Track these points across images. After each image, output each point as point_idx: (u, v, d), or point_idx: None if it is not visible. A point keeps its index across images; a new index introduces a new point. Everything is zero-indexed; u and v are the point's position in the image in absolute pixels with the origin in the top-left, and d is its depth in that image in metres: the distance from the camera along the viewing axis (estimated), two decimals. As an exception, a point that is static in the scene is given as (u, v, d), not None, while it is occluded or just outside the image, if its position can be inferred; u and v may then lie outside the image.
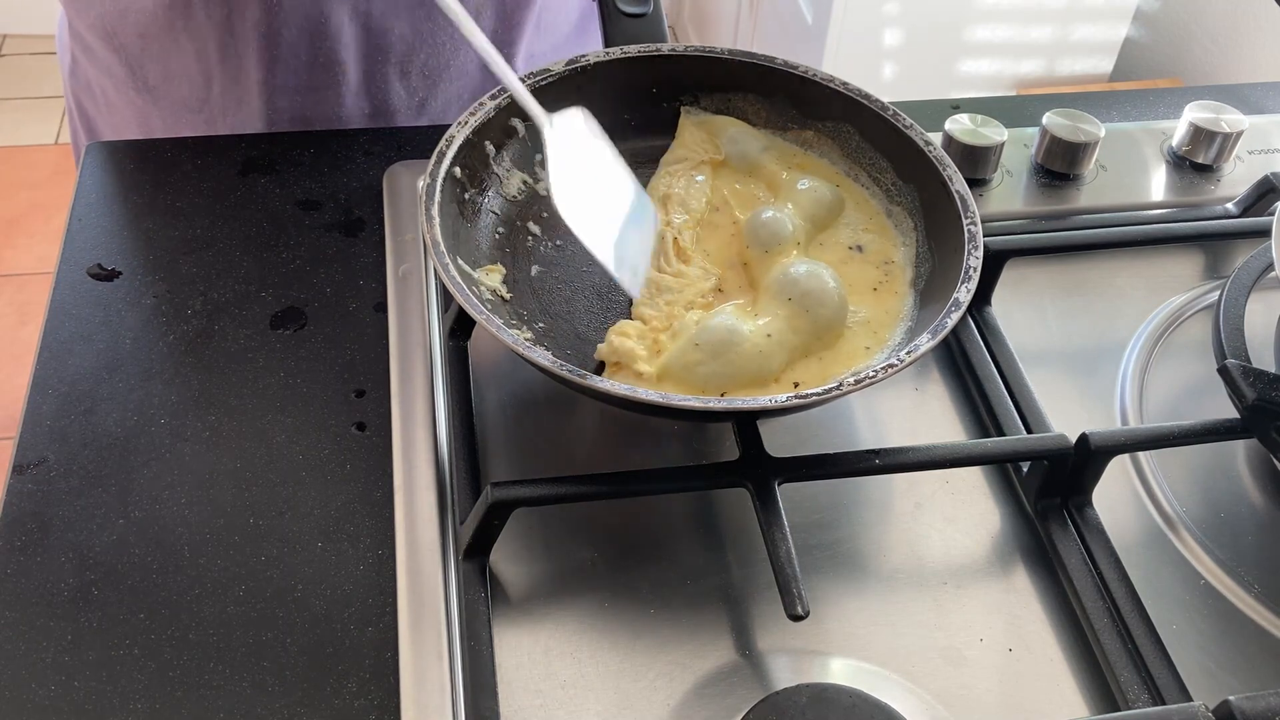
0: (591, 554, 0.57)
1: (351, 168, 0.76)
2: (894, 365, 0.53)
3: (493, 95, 0.65)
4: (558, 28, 0.90)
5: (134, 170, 0.75)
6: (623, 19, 0.74)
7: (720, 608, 0.55)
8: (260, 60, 0.79)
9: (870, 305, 0.63)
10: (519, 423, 0.62)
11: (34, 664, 0.51)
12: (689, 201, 0.67)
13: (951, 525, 0.59)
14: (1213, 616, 0.56)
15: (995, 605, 0.56)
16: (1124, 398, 0.66)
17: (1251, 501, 0.62)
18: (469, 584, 0.53)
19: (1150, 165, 0.80)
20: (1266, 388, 0.57)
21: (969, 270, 0.58)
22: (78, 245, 0.70)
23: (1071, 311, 0.71)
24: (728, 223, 0.66)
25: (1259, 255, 0.66)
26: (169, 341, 0.65)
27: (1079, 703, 0.52)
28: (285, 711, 0.50)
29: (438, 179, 0.60)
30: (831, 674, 0.53)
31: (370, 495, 0.58)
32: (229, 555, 0.55)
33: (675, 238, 0.65)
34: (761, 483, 0.54)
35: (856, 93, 0.68)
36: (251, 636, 0.52)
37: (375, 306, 0.68)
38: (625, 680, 0.52)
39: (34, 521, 0.56)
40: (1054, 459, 0.57)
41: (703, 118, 0.71)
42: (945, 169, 0.63)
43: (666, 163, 0.70)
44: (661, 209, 0.66)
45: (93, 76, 0.87)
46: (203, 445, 0.60)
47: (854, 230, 0.67)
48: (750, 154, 0.69)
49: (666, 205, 0.66)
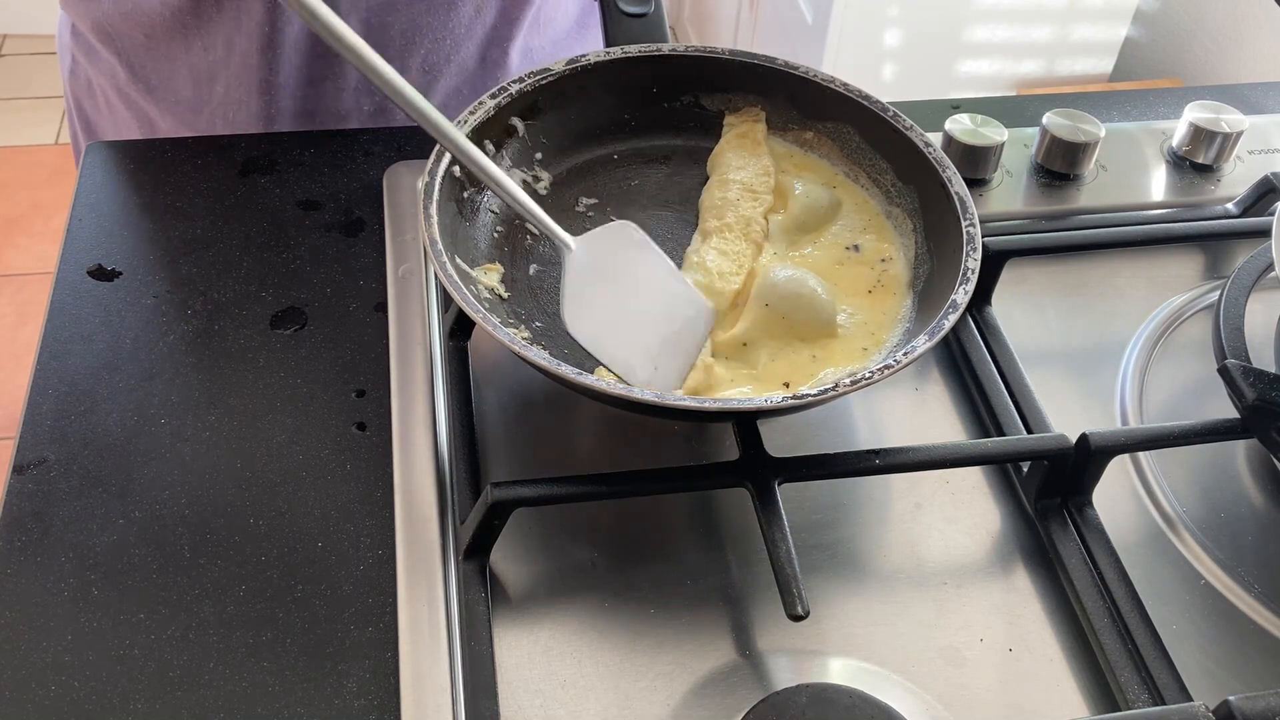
0: (591, 554, 0.57)
1: (352, 168, 0.76)
2: (890, 366, 0.53)
3: (493, 94, 0.65)
4: (556, 23, 0.90)
5: (134, 170, 0.75)
6: (624, 19, 0.74)
7: (720, 608, 0.55)
8: (262, 59, 0.80)
9: (867, 306, 0.63)
10: (519, 423, 0.62)
11: (34, 664, 0.51)
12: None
13: (951, 525, 0.59)
14: (1213, 616, 0.56)
15: (995, 605, 0.56)
16: (1124, 398, 0.66)
17: (1251, 501, 0.62)
18: (469, 584, 0.53)
19: (1150, 165, 0.80)
20: (1266, 388, 0.57)
21: (967, 272, 0.58)
22: (78, 245, 0.70)
23: (1071, 311, 0.71)
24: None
25: (1259, 255, 0.66)
26: (169, 341, 0.65)
27: (1079, 703, 0.52)
28: (285, 712, 0.50)
29: (436, 178, 0.60)
30: (831, 674, 0.53)
31: (370, 495, 0.58)
32: (229, 555, 0.55)
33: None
34: (761, 483, 0.54)
35: (857, 93, 0.68)
36: (251, 636, 0.52)
37: (375, 306, 0.68)
38: (625, 680, 0.52)
39: (34, 521, 0.56)
40: (1054, 459, 0.57)
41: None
42: (945, 170, 0.63)
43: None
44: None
45: (93, 77, 0.87)
46: (203, 445, 0.60)
47: (852, 231, 0.67)
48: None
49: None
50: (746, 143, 0.70)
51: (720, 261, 0.64)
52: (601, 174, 0.71)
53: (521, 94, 0.67)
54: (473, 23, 0.83)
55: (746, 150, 0.70)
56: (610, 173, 0.71)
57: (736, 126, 0.71)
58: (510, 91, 0.66)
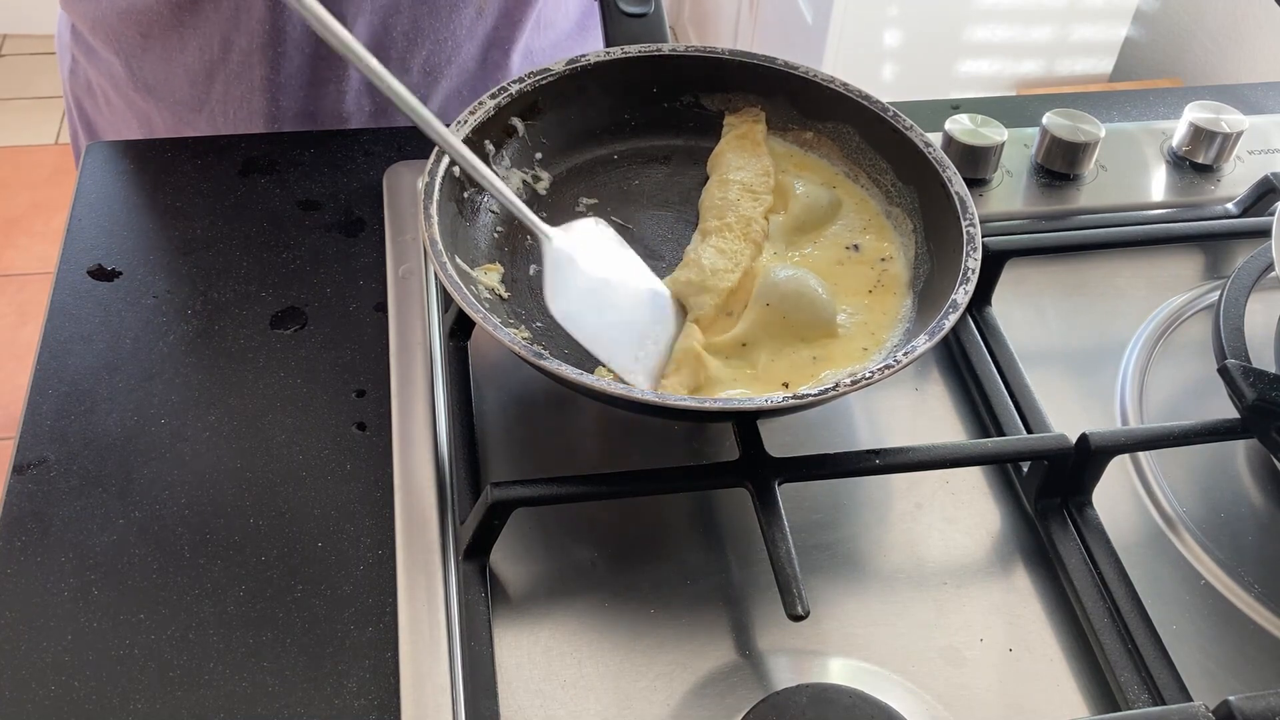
0: (591, 554, 0.57)
1: (352, 168, 0.76)
2: (890, 366, 0.53)
3: (492, 94, 0.65)
4: (557, 25, 0.90)
5: (134, 170, 0.75)
6: (624, 19, 0.75)
7: (720, 608, 0.55)
8: (264, 58, 0.80)
9: (867, 307, 0.63)
10: (519, 423, 0.62)
11: (34, 664, 0.51)
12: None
13: (951, 525, 0.59)
14: (1213, 616, 0.56)
15: (995, 605, 0.56)
16: (1124, 398, 0.66)
17: (1251, 501, 0.62)
18: (469, 584, 0.53)
19: (1150, 165, 0.80)
20: (1266, 388, 0.57)
21: (967, 272, 0.58)
22: (78, 245, 0.70)
23: (1071, 311, 0.71)
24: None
25: (1259, 255, 0.66)
26: (169, 341, 0.65)
27: (1079, 703, 0.52)
28: (285, 712, 0.50)
29: (436, 177, 0.60)
30: (831, 674, 0.53)
31: (370, 495, 0.58)
32: (229, 555, 0.55)
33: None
34: (761, 483, 0.54)
35: (857, 94, 0.68)
36: (251, 636, 0.52)
37: (375, 306, 0.68)
38: (625, 680, 0.52)
39: (34, 521, 0.56)
40: (1054, 459, 0.57)
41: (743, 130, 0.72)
42: (945, 170, 0.63)
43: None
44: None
45: (93, 77, 0.87)
46: (203, 445, 0.60)
47: (852, 231, 0.67)
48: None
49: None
50: (746, 143, 0.70)
51: (716, 259, 0.64)
52: (601, 174, 0.71)
53: (521, 94, 0.67)
54: (474, 24, 0.83)
55: (746, 151, 0.70)
56: (610, 173, 0.71)
57: (736, 127, 0.71)
58: (510, 91, 0.66)
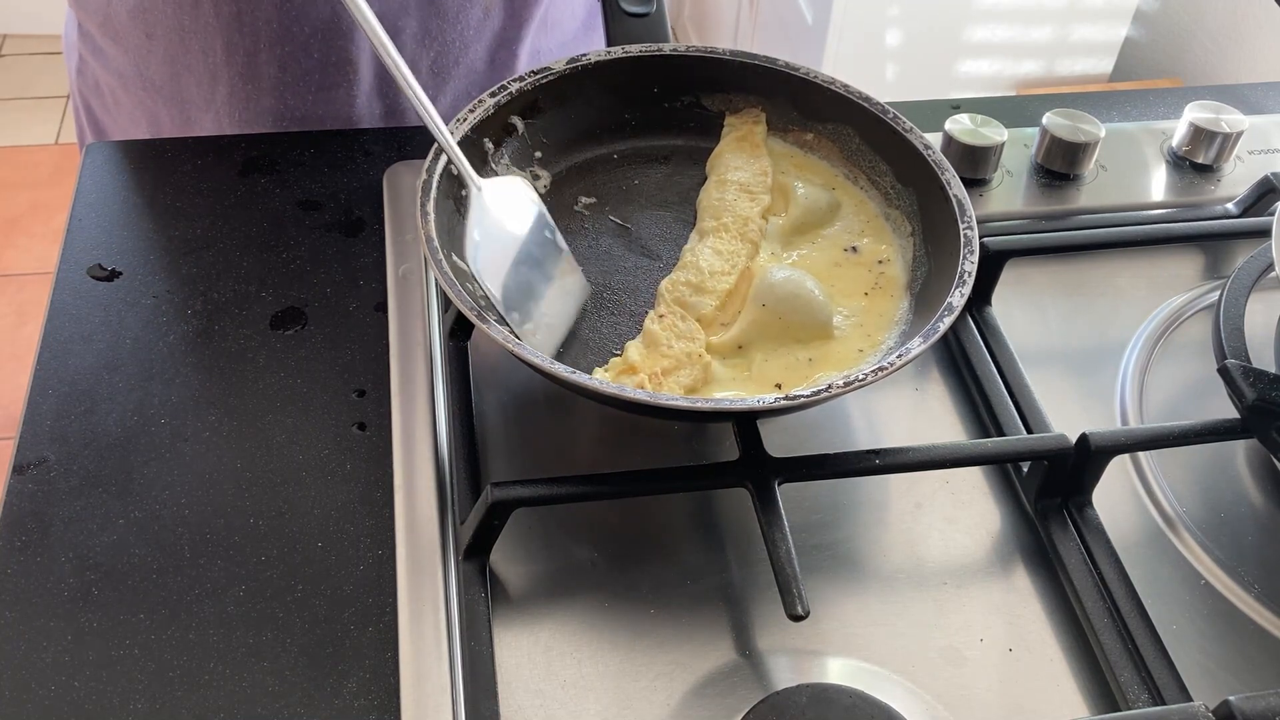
0: (591, 554, 0.57)
1: (352, 168, 0.76)
2: (884, 368, 0.53)
3: (492, 93, 0.65)
4: (563, 25, 0.90)
5: (134, 170, 0.75)
6: (626, 19, 0.75)
7: (720, 608, 0.55)
8: (272, 58, 0.80)
9: (864, 308, 0.63)
10: (519, 423, 0.62)
11: (34, 664, 0.51)
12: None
13: (951, 525, 0.59)
14: (1213, 616, 0.56)
15: (995, 605, 0.56)
16: (1124, 398, 0.66)
17: (1251, 501, 0.62)
18: (469, 584, 0.53)
19: (1150, 165, 0.80)
20: (1266, 388, 0.57)
21: (964, 274, 0.58)
22: (78, 245, 0.70)
23: (1071, 311, 0.71)
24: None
25: (1259, 255, 0.66)
26: (169, 341, 0.65)
27: (1079, 703, 0.52)
28: (285, 712, 0.50)
29: (434, 175, 0.60)
30: (831, 674, 0.53)
31: (370, 495, 0.58)
32: (229, 555, 0.55)
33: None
34: (761, 483, 0.54)
35: (857, 95, 0.68)
36: (251, 636, 0.52)
37: (375, 306, 0.68)
38: (625, 680, 0.52)
39: (34, 521, 0.56)
40: (1054, 459, 0.57)
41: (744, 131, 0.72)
42: (944, 173, 0.63)
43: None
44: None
45: (101, 77, 0.87)
46: (203, 445, 0.60)
47: (851, 233, 0.67)
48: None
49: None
50: (746, 145, 0.70)
51: (714, 260, 0.64)
52: (601, 173, 0.71)
53: (521, 92, 0.67)
54: (481, 25, 0.83)
55: (745, 152, 0.70)
56: (610, 172, 0.71)
57: (737, 128, 0.71)
58: (510, 90, 0.66)
